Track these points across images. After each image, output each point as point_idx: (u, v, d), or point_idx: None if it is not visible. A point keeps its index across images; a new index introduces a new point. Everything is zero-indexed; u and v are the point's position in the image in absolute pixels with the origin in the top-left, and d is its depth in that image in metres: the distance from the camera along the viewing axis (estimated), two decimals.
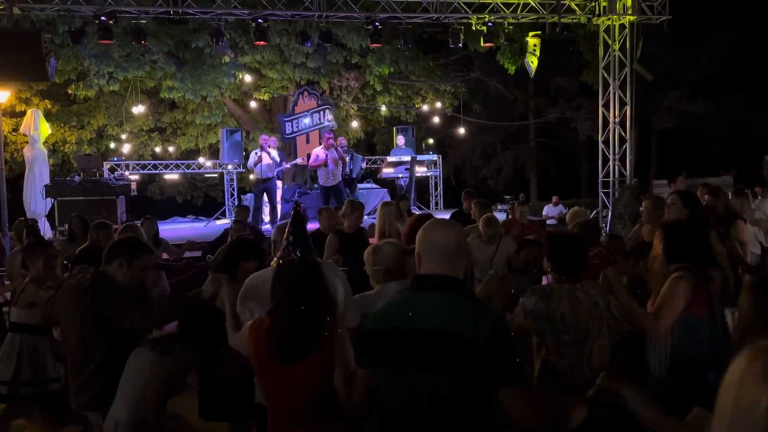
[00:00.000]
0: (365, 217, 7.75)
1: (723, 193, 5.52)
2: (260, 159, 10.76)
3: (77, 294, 3.04)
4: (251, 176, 11.22)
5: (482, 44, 11.34)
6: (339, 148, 11.20)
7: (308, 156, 13.99)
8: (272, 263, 2.40)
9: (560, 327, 2.80)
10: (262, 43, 10.89)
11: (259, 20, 10.11)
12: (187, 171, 17.55)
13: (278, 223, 5.60)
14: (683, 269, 3.01)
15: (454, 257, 1.98)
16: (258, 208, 11.17)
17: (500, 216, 8.09)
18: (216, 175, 18.06)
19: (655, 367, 3.02)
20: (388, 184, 14.61)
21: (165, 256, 6.78)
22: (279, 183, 12.36)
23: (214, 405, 3.29)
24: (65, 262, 6.11)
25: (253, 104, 16.81)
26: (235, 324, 2.61)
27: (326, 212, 6.13)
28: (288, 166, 12.48)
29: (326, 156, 10.88)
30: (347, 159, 11.48)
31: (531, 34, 11.02)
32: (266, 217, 11.44)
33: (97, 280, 3.05)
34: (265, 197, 11.23)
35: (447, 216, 8.33)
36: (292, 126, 14.42)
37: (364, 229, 5.95)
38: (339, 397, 2.21)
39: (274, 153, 11.20)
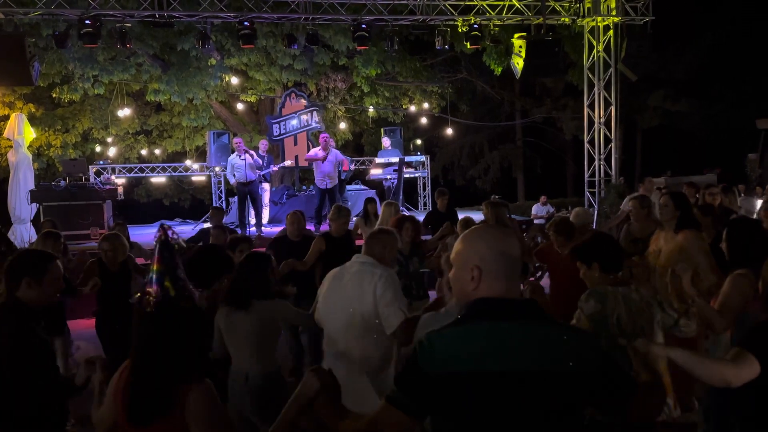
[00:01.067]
0: (353, 218, 7.75)
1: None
2: (244, 160, 10.67)
3: None
4: (232, 180, 11.09)
5: (468, 46, 11.41)
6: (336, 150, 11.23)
7: (296, 158, 14.02)
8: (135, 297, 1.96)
9: (616, 330, 2.76)
10: (249, 46, 10.87)
11: (245, 23, 10.09)
12: (174, 174, 17.46)
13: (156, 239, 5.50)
14: (745, 268, 3.01)
15: (518, 271, 1.70)
16: (243, 212, 11.11)
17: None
18: (203, 177, 17.98)
19: None
20: (377, 185, 14.63)
21: (141, 260, 6.71)
22: (266, 186, 12.31)
23: None
24: None
25: (240, 106, 16.75)
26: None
27: (292, 217, 6.13)
28: (275, 168, 12.44)
29: (325, 155, 10.89)
30: (346, 160, 11.47)
31: (516, 35, 11.11)
32: (252, 220, 11.38)
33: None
34: (249, 201, 11.16)
35: (422, 216, 8.35)
36: (279, 128, 14.40)
37: (351, 233, 5.96)
38: None
39: (255, 156, 11.14)
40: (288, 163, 13.48)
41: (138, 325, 1.92)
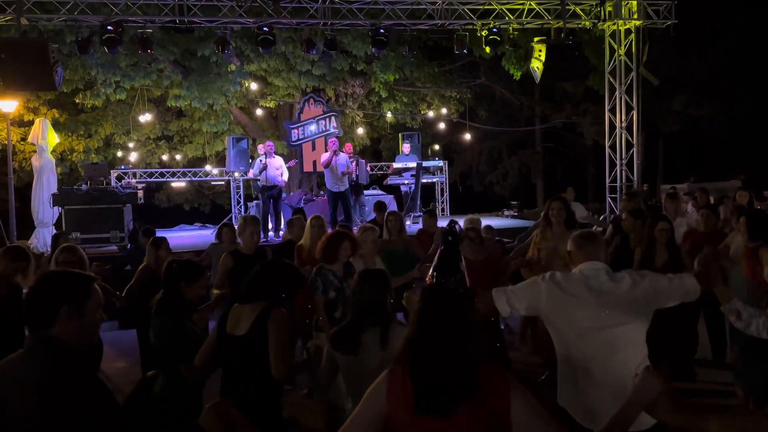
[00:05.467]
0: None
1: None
2: (266, 166, 10.76)
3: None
4: (259, 182, 11.15)
5: (488, 50, 11.33)
6: (346, 154, 11.23)
7: (314, 164, 14.04)
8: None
9: None
10: (269, 48, 10.80)
11: (265, 29, 10.15)
12: (194, 179, 17.61)
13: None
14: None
15: None
16: (266, 216, 11.16)
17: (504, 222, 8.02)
18: (222, 182, 18.10)
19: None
20: (395, 190, 14.60)
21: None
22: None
23: None
24: None
25: (259, 112, 16.86)
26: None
27: (226, 229, 6.02)
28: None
29: (335, 159, 10.92)
30: (352, 167, 11.46)
31: (536, 39, 11.02)
32: (269, 224, 11.42)
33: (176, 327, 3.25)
34: (272, 205, 11.22)
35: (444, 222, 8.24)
36: (298, 133, 14.46)
37: (265, 249, 5.24)
38: None
39: (280, 160, 11.20)
40: (292, 162, 13.47)
41: (424, 310, 1.91)
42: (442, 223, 7.46)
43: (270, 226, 11.37)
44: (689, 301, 2.72)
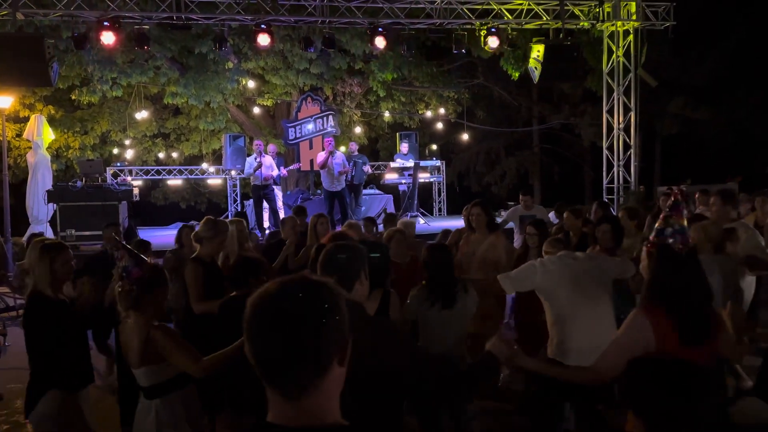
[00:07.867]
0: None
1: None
2: (260, 165, 10.72)
3: None
4: (253, 182, 11.15)
5: (487, 49, 11.29)
6: (342, 153, 11.24)
7: (311, 162, 13.99)
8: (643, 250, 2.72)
9: None
10: (268, 42, 10.53)
11: (262, 26, 10.10)
12: (190, 177, 17.54)
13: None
14: None
15: None
16: (259, 215, 11.13)
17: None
18: (219, 180, 18.05)
19: None
20: (392, 190, 14.57)
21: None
22: (275, 189, 12.33)
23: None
24: None
25: (256, 110, 16.80)
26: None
27: (187, 230, 5.59)
28: (285, 172, 12.45)
29: (331, 159, 10.91)
30: (349, 167, 11.45)
31: (535, 39, 11.00)
32: (266, 223, 11.39)
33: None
34: (265, 203, 11.19)
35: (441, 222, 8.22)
36: (295, 132, 14.41)
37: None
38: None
39: (270, 159, 11.18)
40: (296, 166, 13.48)
41: (668, 266, 2.53)
42: (443, 223, 7.42)
43: (267, 224, 11.34)
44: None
